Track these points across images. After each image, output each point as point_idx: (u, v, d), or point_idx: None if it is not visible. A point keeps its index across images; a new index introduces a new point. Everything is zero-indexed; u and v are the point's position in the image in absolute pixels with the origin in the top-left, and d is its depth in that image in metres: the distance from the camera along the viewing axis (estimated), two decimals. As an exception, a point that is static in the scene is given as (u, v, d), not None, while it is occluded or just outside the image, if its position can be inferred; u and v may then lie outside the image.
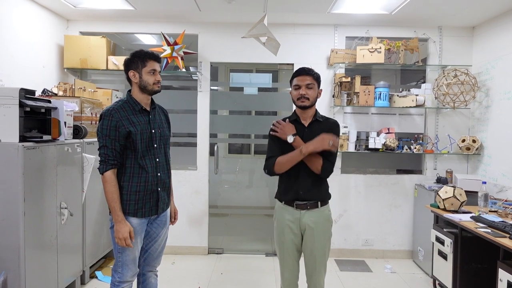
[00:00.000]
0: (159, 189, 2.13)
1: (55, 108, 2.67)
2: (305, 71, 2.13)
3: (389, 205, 4.02)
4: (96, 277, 3.31)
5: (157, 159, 2.13)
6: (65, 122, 2.76)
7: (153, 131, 2.12)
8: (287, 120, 2.21)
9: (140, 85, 2.07)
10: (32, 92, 2.50)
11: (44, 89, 3.32)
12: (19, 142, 2.32)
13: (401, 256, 4.02)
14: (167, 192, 2.23)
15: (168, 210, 2.30)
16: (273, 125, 2.19)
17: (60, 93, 3.42)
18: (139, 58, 2.05)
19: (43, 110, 2.58)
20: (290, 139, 2.10)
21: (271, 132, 2.18)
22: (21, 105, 2.33)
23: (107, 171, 1.99)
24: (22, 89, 2.36)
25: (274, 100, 4.25)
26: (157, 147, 2.13)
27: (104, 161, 1.99)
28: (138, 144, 2.04)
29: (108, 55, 3.75)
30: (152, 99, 2.19)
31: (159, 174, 2.13)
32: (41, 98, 2.65)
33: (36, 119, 2.58)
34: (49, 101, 2.65)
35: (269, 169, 2.15)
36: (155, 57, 2.09)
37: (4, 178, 2.31)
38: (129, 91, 2.13)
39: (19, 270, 2.34)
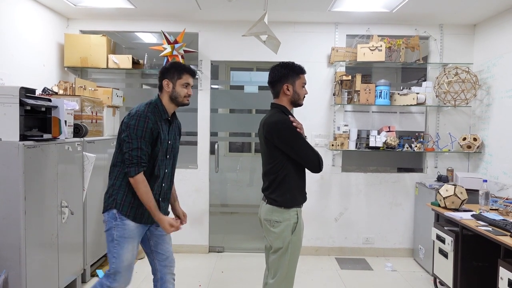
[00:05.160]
0: (160, 199, 2.15)
1: (56, 107, 2.67)
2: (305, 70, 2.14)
3: (390, 203, 4.02)
4: (97, 276, 3.32)
5: (166, 170, 2.16)
6: (65, 121, 2.76)
7: (169, 142, 2.15)
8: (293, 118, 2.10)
9: (171, 95, 2.10)
10: (33, 91, 2.50)
11: (45, 87, 3.32)
12: (20, 141, 2.32)
13: (401, 254, 4.02)
14: (167, 202, 2.25)
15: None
16: (292, 121, 2.03)
17: (61, 91, 3.42)
18: (176, 70, 2.10)
19: (43, 109, 2.58)
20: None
21: (298, 130, 2.02)
22: (22, 104, 2.33)
23: (139, 173, 1.96)
24: (22, 88, 2.36)
25: (275, 99, 4.23)
26: (168, 158, 2.17)
27: (137, 164, 1.96)
28: (159, 153, 2.04)
29: (108, 53, 3.74)
30: (174, 111, 2.21)
31: (163, 184, 2.15)
32: (42, 96, 2.65)
33: (37, 117, 2.57)
34: (50, 100, 2.65)
35: (322, 166, 2.04)
36: (191, 72, 2.14)
37: (5, 176, 2.31)
38: (158, 96, 2.14)
39: (20, 268, 2.34)
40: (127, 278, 2.09)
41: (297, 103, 2.13)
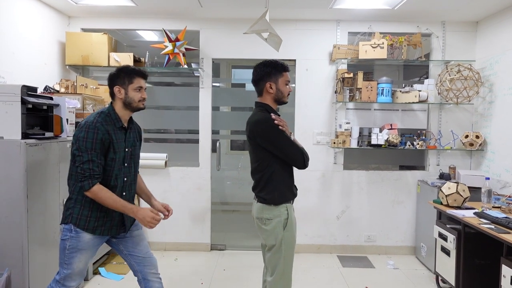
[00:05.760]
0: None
1: (57, 105, 2.67)
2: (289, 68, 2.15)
3: (392, 201, 4.01)
4: (99, 273, 3.33)
5: (125, 179, 2.07)
6: (67, 119, 2.76)
7: (126, 149, 2.06)
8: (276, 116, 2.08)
9: (125, 101, 2.02)
10: (34, 89, 2.51)
11: (46, 86, 3.32)
12: (22, 139, 2.33)
13: (403, 252, 4.01)
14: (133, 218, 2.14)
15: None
16: (274, 119, 2.02)
17: (62, 90, 3.42)
18: (126, 74, 2.01)
19: (45, 107, 2.58)
20: (292, 137, 2.09)
21: (280, 127, 2.02)
22: (23, 102, 2.34)
23: (94, 185, 1.89)
24: (24, 86, 2.36)
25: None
26: (127, 166, 2.07)
27: (90, 176, 1.88)
28: (115, 163, 1.98)
29: (109, 51, 3.74)
30: (131, 116, 2.12)
31: (124, 193, 2.07)
32: (43, 95, 2.65)
33: (38, 116, 2.58)
34: (51, 98, 2.65)
35: (308, 162, 2.06)
36: (142, 75, 2.05)
37: (7, 175, 2.32)
38: (111, 103, 2.06)
39: (23, 266, 2.35)
40: (77, 281, 2.04)
41: (281, 101, 2.14)
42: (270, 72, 2.08)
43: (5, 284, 2.30)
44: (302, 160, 2.04)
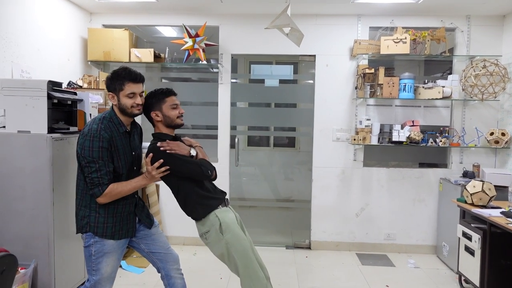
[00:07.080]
0: (135, 210, 2.06)
1: (81, 100, 2.71)
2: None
3: (413, 199, 3.94)
4: (121, 266, 3.37)
5: None
6: (90, 114, 2.80)
7: (133, 153, 2.04)
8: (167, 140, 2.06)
9: (119, 108, 1.95)
10: (59, 85, 2.55)
11: (70, 81, 3.38)
12: (48, 133, 2.38)
13: (424, 251, 3.94)
14: (146, 211, 2.17)
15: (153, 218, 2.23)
16: (162, 147, 1.99)
17: (85, 85, 3.47)
18: (117, 80, 1.92)
19: (69, 102, 2.63)
20: (194, 152, 2.12)
21: (168, 151, 1.98)
22: (49, 97, 2.38)
23: (104, 190, 1.86)
24: (50, 82, 2.40)
25: (294, 92, 4.21)
26: (136, 169, 2.06)
27: (99, 184, 1.85)
28: (122, 169, 1.95)
29: (130, 47, 3.77)
30: (133, 119, 2.08)
31: (136, 196, 2.07)
32: (68, 90, 2.70)
33: (63, 111, 2.63)
34: (75, 93, 2.70)
35: (209, 171, 2.10)
36: (135, 79, 1.94)
37: (34, 168, 2.37)
38: (112, 107, 2.00)
39: (49, 258, 2.41)
40: (108, 287, 2.04)
41: (173, 125, 2.10)
42: (152, 102, 2.06)
43: (32, 275, 2.36)
44: (200, 172, 2.04)
